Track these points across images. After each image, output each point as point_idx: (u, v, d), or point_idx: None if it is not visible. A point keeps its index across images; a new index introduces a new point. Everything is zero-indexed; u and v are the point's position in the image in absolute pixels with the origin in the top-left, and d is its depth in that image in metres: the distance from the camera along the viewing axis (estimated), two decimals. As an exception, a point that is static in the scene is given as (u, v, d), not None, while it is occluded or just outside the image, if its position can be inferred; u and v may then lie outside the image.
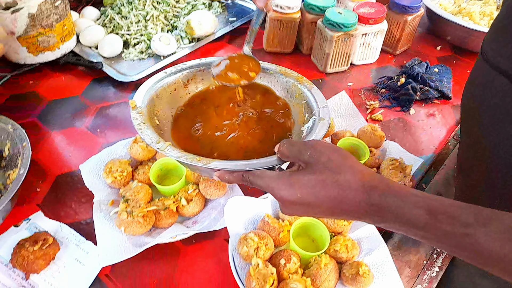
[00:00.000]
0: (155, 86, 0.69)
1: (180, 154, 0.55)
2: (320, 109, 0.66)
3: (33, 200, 0.78)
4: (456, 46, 1.24)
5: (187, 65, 0.74)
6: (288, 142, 0.52)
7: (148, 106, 0.65)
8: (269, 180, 0.48)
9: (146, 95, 0.66)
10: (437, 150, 0.93)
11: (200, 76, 0.75)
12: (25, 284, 0.65)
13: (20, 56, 1.03)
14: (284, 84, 0.75)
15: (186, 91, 0.74)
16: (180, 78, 0.73)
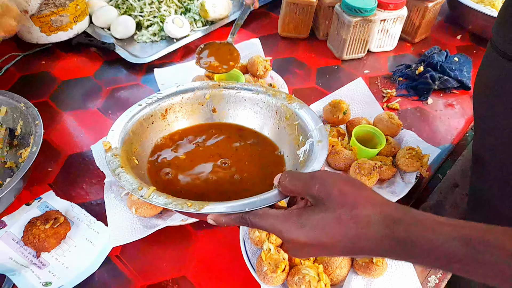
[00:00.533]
0: (130, 122, 0.63)
1: (168, 201, 0.49)
2: (316, 130, 0.61)
3: (44, 179, 0.78)
4: (477, 36, 1.21)
5: (163, 95, 0.68)
6: (291, 175, 0.46)
7: (124, 145, 0.60)
8: (275, 221, 0.43)
9: (121, 133, 0.60)
10: (455, 140, 0.91)
11: (179, 105, 0.70)
12: (36, 262, 0.65)
13: (33, 36, 1.02)
14: (271, 105, 0.69)
15: (165, 122, 0.69)
16: (157, 109, 0.67)
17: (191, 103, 0.71)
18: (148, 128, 0.66)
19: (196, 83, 0.71)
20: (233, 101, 0.71)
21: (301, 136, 0.64)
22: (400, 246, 0.38)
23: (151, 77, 1.01)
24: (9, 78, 0.98)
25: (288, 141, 0.67)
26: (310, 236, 0.40)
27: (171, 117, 0.69)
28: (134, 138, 0.63)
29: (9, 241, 0.67)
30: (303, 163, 0.59)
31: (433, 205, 0.77)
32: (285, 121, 0.68)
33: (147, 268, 0.66)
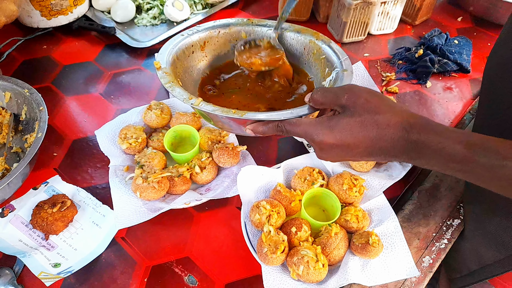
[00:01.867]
0: (175, 48, 0.69)
1: (214, 108, 0.56)
2: (342, 61, 0.66)
3: (50, 164, 0.80)
4: (478, 18, 1.20)
5: (202, 27, 0.74)
6: (322, 89, 0.52)
7: (172, 67, 0.66)
8: (307, 126, 0.49)
9: (168, 56, 0.67)
10: (452, 124, 0.92)
11: (216, 39, 0.76)
12: (45, 244, 0.68)
13: (33, 20, 1.02)
14: (300, 41, 0.75)
15: (203, 54, 0.75)
16: (197, 41, 0.73)
17: (226, 38, 0.77)
18: (189, 56, 0.73)
19: (231, 19, 0.77)
20: (265, 36, 0.76)
21: (327, 69, 0.70)
22: (413, 146, 0.44)
23: (152, 61, 1.01)
24: (12, 63, 0.99)
25: (315, 73, 0.74)
26: (337, 137, 0.47)
27: (209, 48, 0.76)
28: (178, 63, 0.69)
29: (18, 224, 0.69)
30: None
31: (429, 188, 0.79)
32: (312, 56, 0.74)
33: (151, 249, 0.69)
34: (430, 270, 0.68)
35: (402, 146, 0.45)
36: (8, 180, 0.66)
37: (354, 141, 0.46)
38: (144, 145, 0.79)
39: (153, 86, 0.96)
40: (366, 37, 1.12)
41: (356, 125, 0.46)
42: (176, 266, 0.67)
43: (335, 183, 0.71)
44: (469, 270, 0.73)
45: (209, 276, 0.66)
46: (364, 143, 0.46)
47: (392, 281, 0.65)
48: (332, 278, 0.63)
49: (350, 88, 0.49)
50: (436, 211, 0.75)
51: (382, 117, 0.45)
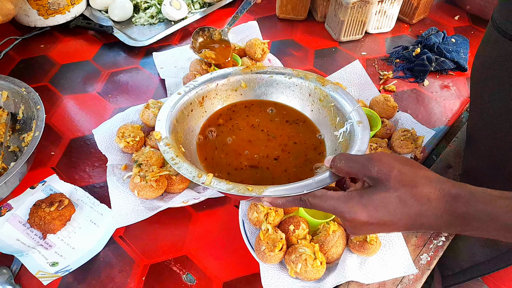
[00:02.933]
0: (173, 110, 0.66)
1: (230, 187, 0.51)
2: (354, 111, 0.63)
3: (48, 163, 0.79)
4: (475, 16, 1.21)
5: (199, 81, 0.71)
6: (347, 158, 0.48)
7: (172, 135, 0.62)
8: (336, 202, 0.45)
9: (167, 122, 0.63)
10: (450, 122, 0.92)
11: (214, 92, 0.73)
12: (42, 243, 0.67)
13: (30, 19, 1.02)
14: (304, 88, 0.72)
15: (203, 109, 0.72)
16: (195, 97, 0.70)
17: (225, 89, 0.73)
18: (188, 116, 0.69)
19: (229, 69, 0.74)
20: (266, 84, 0.74)
21: (337, 118, 0.67)
22: (460, 220, 0.40)
23: (150, 60, 1.01)
24: (9, 62, 0.99)
25: (324, 122, 0.70)
26: (372, 215, 0.43)
27: (208, 104, 0.72)
28: (178, 126, 0.65)
29: (15, 223, 0.69)
30: (344, 144, 0.62)
31: (427, 186, 0.79)
32: (319, 103, 0.71)
33: (149, 248, 0.69)
34: (428, 267, 0.68)
35: (446, 220, 0.41)
36: (5, 179, 0.65)
37: (391, 219, 0.42)
38: (142, 144, 0.78)
39: (151, 85, 0.96)
40: (364, 36, 1.12)
41: (392, 201, 0.42)
42: (174, 264, 0.67)
43: (333, 181, 0.71)
44: (461, 268, 0.74)
45: (207, 274, 0.66)
46: (403, 220, 0.42)
47: (390, 279, 0.65)
48: (330, 276, 0.63)
49: (379, 159, 0.45)
50: (433, 209, 0.76)
51: (421, 190, 0.41)
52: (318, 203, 0.47)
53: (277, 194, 0.49)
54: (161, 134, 0.60)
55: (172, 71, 0.97)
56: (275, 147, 0.68)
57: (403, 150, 0.78)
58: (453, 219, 0.41)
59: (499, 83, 0.60)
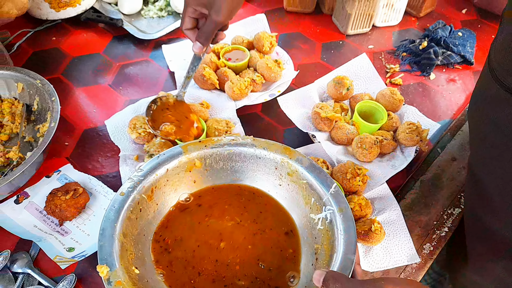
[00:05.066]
0: (118, 222, 0.55)
1: None
2: (332, 193, 0.58)
3: (62, 153, 0.82)
4: (482, 10, 1.21)
5: (144, 171, 0.61)
6: (343, 284, 0.42)
7: (122, 261, 0.52)
8: None
9: (113, 245, 0.53)
10: (455, 115, 0.93)
11: (165, 178, 0.63)
12: (59, 230, 0.70)
13: (42, 12, 1.04)
14: (269, 161, 0.64)
15: (153, 203, 0.62)
16: (142, 193, 0.60)
17: (177, 173, 0.64)
18: (137, 219, 0.59)
19: (176, 148, 0.64)
20: (224, 159, 0.66)
21: (313, 198, 0.60)
22: None
23: (159, 53, 1.03)
24: (22, 54, 1.01)
25: (296, 200, 0.63)
26: None
27: (158, 194, 0.63)
28: (127, 242, 0.55)
29: (32, 210, 0.72)
30: (326, 235, 0.57)
31: (431, 178, 0.81)
32: (287, 177, 0.64)
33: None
34: (431, 257, 0.70)
35: None
36: (23, 168, 0.68)
37: None
38: (153, 135, 0.81)
39: (160, 77, 0.98)
40: (371, 29, 1.13)
41: None
42: (185, 251, 0.69)
43: (339, 172, 0.73)
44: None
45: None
46: None
47: (394, 267, 0.67)
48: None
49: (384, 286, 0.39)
50: (437, 200, 0.77)
51: None
52: None
53: None
54: (107, 268, 0.50)
55: (181, 64, 0.98)
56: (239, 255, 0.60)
57: (409, 143, 0.79)
58: None
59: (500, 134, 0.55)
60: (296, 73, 0.93)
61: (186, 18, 0.70)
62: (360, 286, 0.41)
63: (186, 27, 0.71)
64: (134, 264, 0.54)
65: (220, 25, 0.69)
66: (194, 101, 0.86)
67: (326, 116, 0.80)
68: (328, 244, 0.56)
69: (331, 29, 1.13)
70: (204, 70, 0.88)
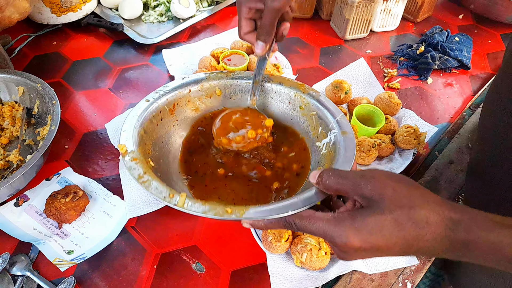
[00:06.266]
0: (140, 119, 0.60)
1: (206, 209, 0.46)
2: (338, 120, 0.59)
3: (62, 156, 0.82)
4: (479, 15, 1.22)
5: (170, 87, 0.66)
6: (336, 174, 0.43)
7: (140, 147, 0.56)
8: (326, 225, 0.41)
9: (133, 133, 0.57)
10: (452, 119, 0.94)
11: (186, 98, 0.67)
12: (58, 232, 0.70)
13: (43, 17, 1.05)
14: (283, 94, 0.67)
15: (173, 118, 0.66)
16: (165, 105, 0.65)
17: (198, 96, 0.68)
18: (157, 125, 0.63)
19: (202, 74, 0.68)
20: (242, 91, 0.69)
21: (320, 127, 0.62)
22: (460, 247, 0.38)
23: (159, 57, 1.04)
24: (23, 59, 1.02)
25: (304, 130, 0.66)
26: (366, 240, 0.39)
27: (179, 111, 0.67)
28: (146, 137, 0.60)
29: (32, 213, 0.72)
30: (328, 156, 0.58)
31: (429, 181, 0.81)
32: (299, 111, 0.66)
33: (160, 238, 0.71)
34: (429, 259, 0.71)
35: (445, 245, 0.38)
36: (24, 171, 0.68)
37: (386, 243, 0.38)
38: (153, 138, 0.81)
39: (161, 81, 0.99)
40: (369, 34, 1.14)
41: (388, 224, 0.38)
42: (184, 254, 0.70)
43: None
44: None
45: (215, 263, 0.69)
46: (399, 244, 0.38)
47: (392, 269, 0.67)
48: (334, 266, 0.65)
49: (372, 176, 0.41)
50: (435, 203, 0.78)
51: (418, 213, 0.38)
52: (305, 225, 0.42)
53: (258, 216, 0.45)
54: (127, 147, 0.54)
55: (181, 68, 0.99)
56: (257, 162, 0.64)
57: (406, 146, 0.80)
58: (452, 245, 0.38)
59: None
60: (294, 77, 0.94)
61: (243, 21, 0.62)
62: (350, 172, 0.43)
63: (245, 31, 0.63)
64: (151, 158, 0.58)
65: (278, 13, 0.58)
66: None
67: (325, 119, 0.80)
68: (329, 163, 0.57)
69: (329, 34, 1.14)
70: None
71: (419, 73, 1.03)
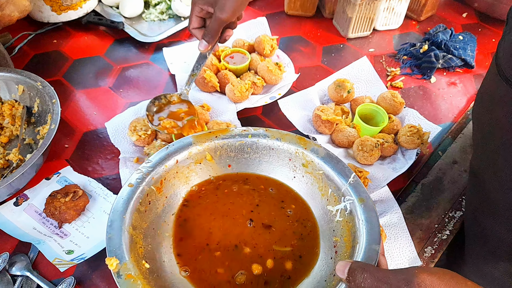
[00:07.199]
0: (127, 214, 0.53)
1: None
2: (351, 183, 0.55)
3: (62, 155, 0.82)
4: (483, 14, 1.21)
5: (153, 162, 0.59)
6: (372, 275, 0.39)
7: (132, 254, 0.49)
8: None
9: (122, 237, 0.51)
10: (456, 119, 0.93)
11: (174, 171, 0.61)
12: (58, 232, 0.70)
13: (44, 15, 1.04)
14: (282, 152, 0.62)
15: (162, 196, 0.60)
16: (152, 185, 0.58)
17: (187, 165, 0.62)
18: (146, 212, 0.56)
19: (187, 139, 0.62)
20: (235, 151, 0.64)
21: (330, 189, 0.58)
22: None
23: (160, 56, 1.03)
24: (23, 57, 1.01)
25: (311, 192, 0.61)
26: None
27: (168, 186, 0.60)
28: (136, 234, 0.53)
29: (32, 213, 0.72)
30: (346, 227, 0.54)
31: (432, 181, 0.80)
32: (302, 169, 0.61)
33: (161, 238, 0.71)
34: (432, 260, 0.70)
35: None
36: (23, 170, 0.68)
37: None
38: (153, 137, 0.80)
39: (161, 80, 0.98)
40: (372, 33, 1.13)
41: None
42: (184, 254, 0.69)
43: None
44: None
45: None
46: None
47: (395, 271, 0.67)
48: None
49: (420, 282, 0.36)
50: (438, 203, 0.77)
51: None
52: None
53: None
54: (117, 261, 0.47)
55: (182, 67, 0.99)
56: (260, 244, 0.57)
57: (409, 146, 0.79)
58: None
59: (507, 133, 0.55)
60: (296, 76, 0.93)
61: (193, 17, 0.71)
62: (391, 275, 0.38)
63: (193, 26, 0.72)
64: (144, 258, 0.52)
65: (224, 23, 0.69)
66: (195, 103, 0.86)
67: (327, 118, 0.80)
68: (349, 236, 0.53)
69: (332, 33, 1.13)
70: (205, 72, 0.88)
71: (423, 72, 1.02)
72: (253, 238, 0.58)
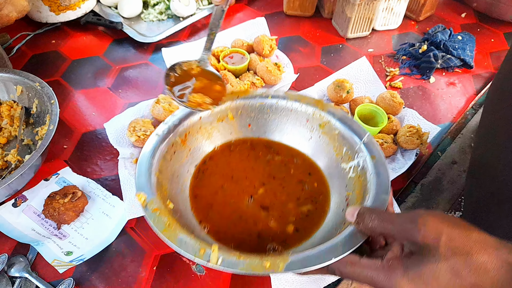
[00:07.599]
0: (154, 159, 0.56)
1: (241, 262, 0.43)
2: (365, 141, 0.57)
3: (60, 156, 0.81)
4: (482, 14, 1.21)
5: (178, 116, 0.62)
6: (380, 216, 0.41)
7: (158, 192, 0.52)
8: (375, 274, 0.39)
9: (149, 177, 0.53)
10: (455, 119, 0.93)
11: (198, 125, 0.64)
12: (57, 233, 0.70)
13: (42, 15, 1.04)
14: (300, 113, 0.64)
15: (186, 148, 0.63)
16: (177, 136, 0.61)
17: (210, 122, 0.65)
18: (171, 160, 0.60)
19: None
20: (256, 112, 0.66)
21: (344, 148, 0.60)
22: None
23: (159, 56, 1.03)
24: (22, 57, 1.01)
25: (327, 151, 0.63)
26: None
27: (191, 140, 0.63)
28: (162, 178, 0.56)
29: (30, 214, 0.71)
30: (357, 182, 0.56)
31: (432, 181, 0.80)
32: (319, 130, 0.63)
33: (160, 239, 0.70)
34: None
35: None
36: (22, 171, 0.67)
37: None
38: (152, 138, 0.80)
39: (160, 80, 0.98)
40: (371, 33, 1.13)
41: (444, 273, 0.36)
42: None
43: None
44: None
45: (216, 265, 0.68)
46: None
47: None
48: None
49: (424, 222, 0.38)
50: (438, 204, 0.77)
51: (476, 259, 0.36)
52: (350, 273, 0.41)
53: (299, 267, 0.42)
54: (146, 195, 0.50)
55: (181, 67, 0.98)
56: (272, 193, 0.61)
57: (409, 146, 0.79)
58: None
59: None
60: (296, 76, 0.93)
61: None
62: (397, 218, 0.40)
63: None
64: (169, 198, 0.55)
65: None
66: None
67: (326, 119, 0.80)
68: (360, 189, 0.54)
69: (331, 33, 1.13)
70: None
71: (422, 72, 1.02)
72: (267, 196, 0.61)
